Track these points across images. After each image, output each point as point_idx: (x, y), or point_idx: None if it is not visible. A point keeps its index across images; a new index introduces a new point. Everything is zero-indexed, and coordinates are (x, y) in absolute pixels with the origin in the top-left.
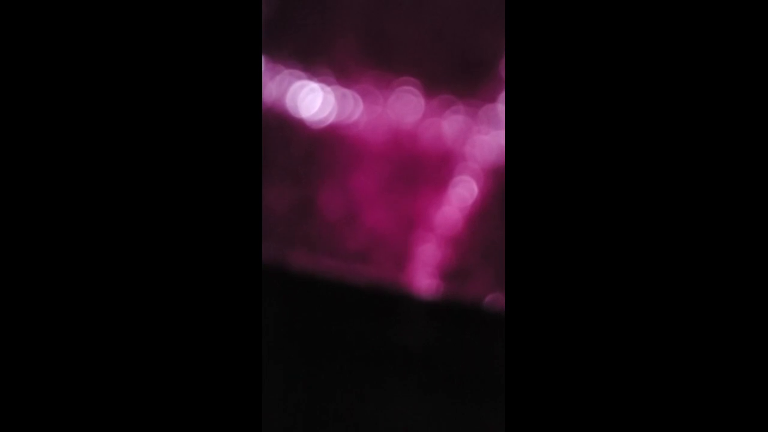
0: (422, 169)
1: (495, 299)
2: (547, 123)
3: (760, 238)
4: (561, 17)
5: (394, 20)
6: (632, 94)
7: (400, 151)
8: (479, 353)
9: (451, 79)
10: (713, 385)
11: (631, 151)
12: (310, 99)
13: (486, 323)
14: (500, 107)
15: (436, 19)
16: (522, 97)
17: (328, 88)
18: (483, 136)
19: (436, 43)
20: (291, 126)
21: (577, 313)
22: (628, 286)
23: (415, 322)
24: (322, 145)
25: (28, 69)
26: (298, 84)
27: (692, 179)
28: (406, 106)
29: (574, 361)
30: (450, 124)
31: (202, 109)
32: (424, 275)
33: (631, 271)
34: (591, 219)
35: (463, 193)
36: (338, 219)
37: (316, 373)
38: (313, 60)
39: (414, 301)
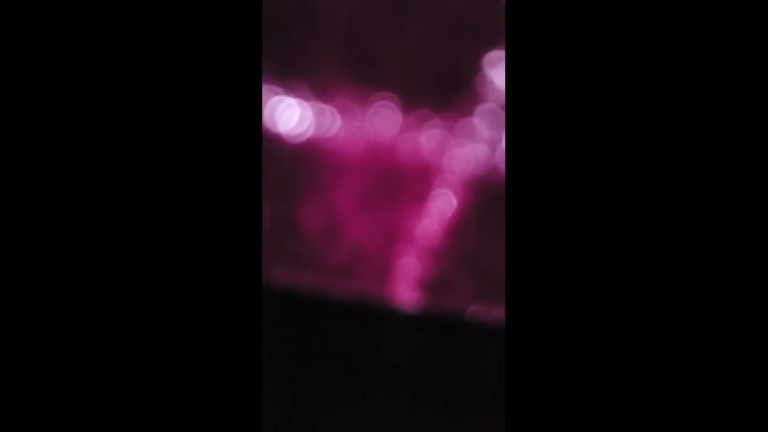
0: (401, 182)
1: (477, 310)
2: (545, 135)
3: (760, 238)
4: (560, 30)
5: (371, 36)
6: (628, 107)
7: (379, 165)
8: (463, 365)
9: (427, 93)
10: (713, 394)
11: (629, 163)
12: (287, 114)
13: (469, 334)
14: (477, 121)
15: (413, 34)
16: (520, 108)
17: (305, 104)
18: (460, 149)
19: (412, 58)
20: (269, 141)
21: (576, 325)
22: (628, 298)
23: (398, 335)
24: (301, 160)
25: (22, 78)
26: (275, 99)
27: (690, 188)
28: (383, 121)
29: (574, 374)
30: (428, 138)
31: (201, 124)
32: (406, 288)
33: (630, 284)
34: (589, 230)
35: (443, 205)
36: (319, 234)
37: (303, 390)
38: (291, 76)
39: (397, 314)
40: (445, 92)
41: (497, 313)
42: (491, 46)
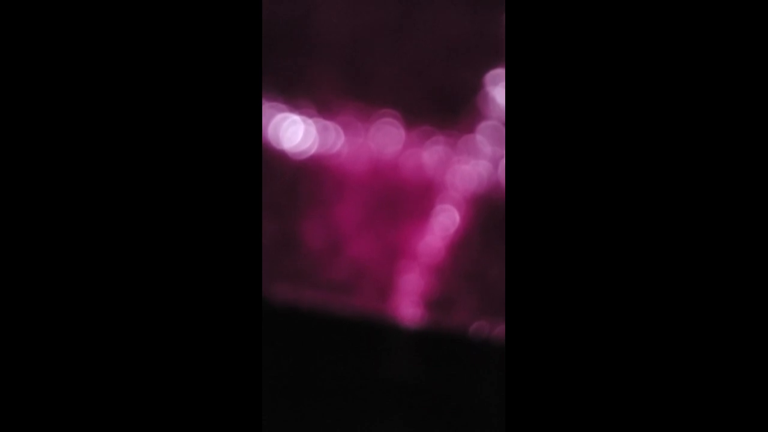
0: (404, 199)
1: (480, 327)
2: (545, 151)
3: (760, 238)
4: (560, 47)
5: (374, 54)
6: (628, 122)
7: (382, 182)
8: (466, 381)
9: (430, 111)
10: (715, 402)
11: (629, 177)
12: (292, 131)
13: (472, 351)
14: (479, 137)
15: (416, 53)
16: (520, 124)
17: (309, 121)
18: (463, 166)
19: (415, 76)
20: (273, 157)
21: (577, 340)
22: (626, 317)
23: (400, 351)
24: (305, 176)
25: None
26: (279, 116)
27: (690, 203)
28: (386, 138)
29: (576, 391)
30: (430, 155)
31: (202, 141)
32: (408, 305)
33: (629, 302)
34: (590, 244)
35: (445, 221)
36: (321, 249)
37: (303, 407)
38: (295, 93)
39: (399, 330)
40: (447, 109)
41: (500, 329)
42: (493, 64)
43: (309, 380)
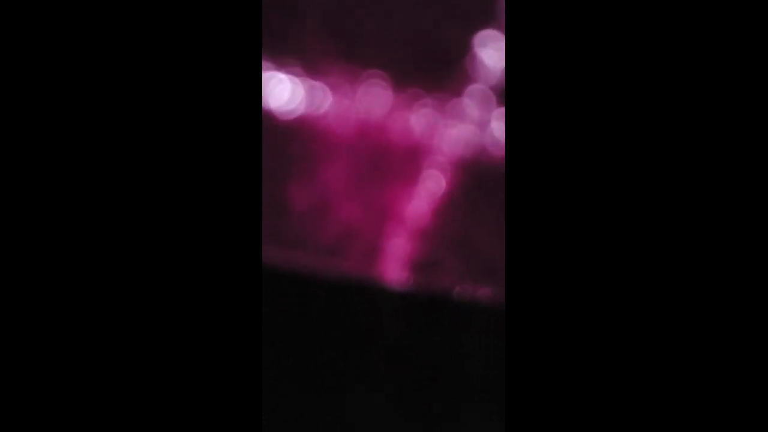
0: (391, 162)
1: (464, 290)
2: (545, 121)
3: (760, 238)
4: (560, 22)
5: (362, 14)
6: (629, 93)
7: (369, 144)
8: (451, 345)
9: (418, 73)
10: (713, 387)
11: (627, 154)
12: (278, 90)
13: (457, 313)
14: (467, 101)
15: (405, 13)
16: (520, 93)
17: (296, 80)
18: (450, 130)
19: (404, 37)
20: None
21: (575, 311)
22: (626, 287)
23: (387, 314)
24: (292, 137)
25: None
26: (266, 75)
27: (688, 171)
28: (374, 99)
29: (573, 360)
30: (418, 118)
31: (200, 107)
32: (395, 268)
33: (629, 273)
34: (589, 219)
35: (432, 185)
36: (309, 212)
37: (293, 370)
38: (282, 52)
39: (386, 293)
40: (435, 72)
41: (484, 291)
42: (482, 25)
43: (297, 344)
